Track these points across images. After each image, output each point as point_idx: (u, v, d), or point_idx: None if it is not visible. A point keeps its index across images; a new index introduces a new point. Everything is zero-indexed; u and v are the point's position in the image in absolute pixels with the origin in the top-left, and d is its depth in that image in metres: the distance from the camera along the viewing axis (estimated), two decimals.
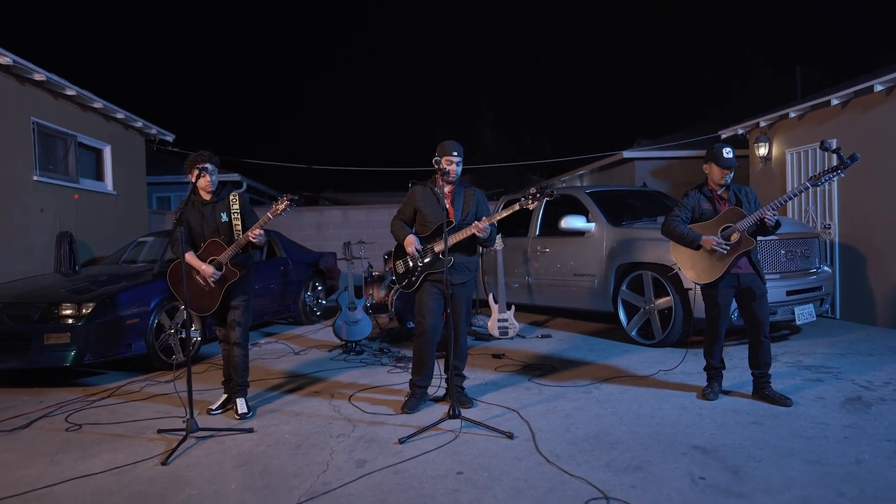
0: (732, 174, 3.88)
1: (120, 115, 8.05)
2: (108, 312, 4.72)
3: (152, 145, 9.68)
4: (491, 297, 6.55)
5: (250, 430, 3.55)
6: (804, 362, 4.83)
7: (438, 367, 4.16)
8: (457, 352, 3.91)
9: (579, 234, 6.54)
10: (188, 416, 3.40)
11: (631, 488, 2.61)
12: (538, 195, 3.59)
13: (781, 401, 3.71)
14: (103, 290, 4.89)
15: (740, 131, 8.64)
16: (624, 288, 5.98)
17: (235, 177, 12.99)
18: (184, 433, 3.36)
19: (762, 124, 8.04)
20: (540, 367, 4.99)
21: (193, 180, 3.90)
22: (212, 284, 3.84)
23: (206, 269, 3.82)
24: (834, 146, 3.61)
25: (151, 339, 5.08)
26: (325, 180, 22.27)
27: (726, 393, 4.02)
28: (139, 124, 8.66)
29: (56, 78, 6.46)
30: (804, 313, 5.38)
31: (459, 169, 3.81)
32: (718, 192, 3.91)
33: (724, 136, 8.95)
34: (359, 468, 2.94)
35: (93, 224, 7.58)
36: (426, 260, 3.77)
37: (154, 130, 9.17)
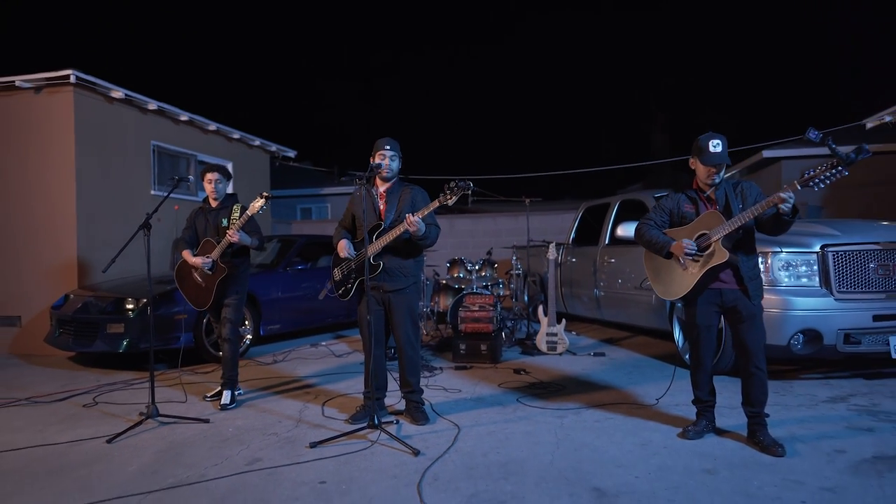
0: (723, 172, 3.22)
1: (237, 136, 9.14)
2: (159, 308, 5.40)
3: (276, 160, 10.80)
4: (541, 309, 6.17)
5: (206, 421, 3.80)
6: (880, 407, 3.78)
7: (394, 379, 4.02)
8: (404, 366, 3.76)
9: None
10: (150, 403, 3.77)
11: None
12: (455, 189, 3.32)
13: (771, 449, 2.97)
14: (159, 287, 5.58)
15: (888, 118, 7.05)
16: (679, 305, 5.23)
17: None
18: (144, 416, 3.73)
19: None
20: (547, 387, 4.59)
21: (205, 186, 4.39)
22: (206, 273, 4.20)
23: (196, 260, 4.20)
24: (820, 137, 2.78)
25: (202, 333, 5.68)
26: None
27: (719, 433, 3.33)
28: (257, 143, 9.72)
29: (168, 107, 7.57)
30: None
31: (394, 164, 3.66)
32: (706, 193, 3.27)
33: (869, 126, 7.38)
34: (246, 465, 3.01)
35: None
36: (356, 265, 3.68)
37: (274, 148, 10.22)
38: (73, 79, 6.25)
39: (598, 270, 6.71)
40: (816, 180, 2.80)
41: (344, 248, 3.68)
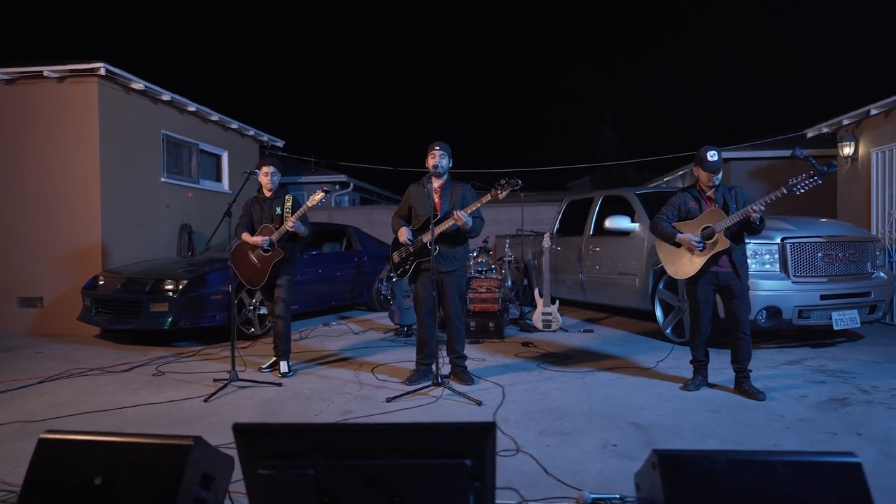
0: (720, 175, 4.05)
1: (234, 126, 9.48)
2: (197, 289, 5.85)
3: (265, 150, 11.15)
4: (537, 291, 6.95)
5: (279, 385, 4.37)
6: (827, 367, 4.76)
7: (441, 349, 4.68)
8: (452, 335, 4.42)
9: (625, 233, 6.75)
10: (232, 370, 4.30)
11: (545, 447, 3.04)
12: (505, 185, 4.01)
13: (755, 395, 3.85)
14: (195, 270, 6.02)
15: (825, 130, 8.19)
16: (661, 287, 6.12)
17: (342, 178, 14.32)
18: (227, 381, 4.26)
19: (845, 122, 7.62)
20: (557, 356, 5.37)
21: (261, 178, 4.83)
22: (263, 254, 4.67)
23: (257, 239, 4.67)
24: (805, 154, 3.68)
25: (234, 313, 6.15)
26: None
27: (712, 386, 4.19)
28: (251, 133, 10.08)
29: (179, 98, 7.88)
30: (843, 319, 5.23)
31: (444, 161, 4.26)
32: (707, 193, 4.09)
33: (809, 136, 8.53)
34: (342, 416, 3.63)
35: (211, 217, 8.98)
36: (414, 250, 4.30)
37: (265, 138, 10.58)
38: (103, 71, 6.52)
39: (584, 258, 7.55)
40: (798, 187, 3.66)
41: (404, 234, 4.29)
